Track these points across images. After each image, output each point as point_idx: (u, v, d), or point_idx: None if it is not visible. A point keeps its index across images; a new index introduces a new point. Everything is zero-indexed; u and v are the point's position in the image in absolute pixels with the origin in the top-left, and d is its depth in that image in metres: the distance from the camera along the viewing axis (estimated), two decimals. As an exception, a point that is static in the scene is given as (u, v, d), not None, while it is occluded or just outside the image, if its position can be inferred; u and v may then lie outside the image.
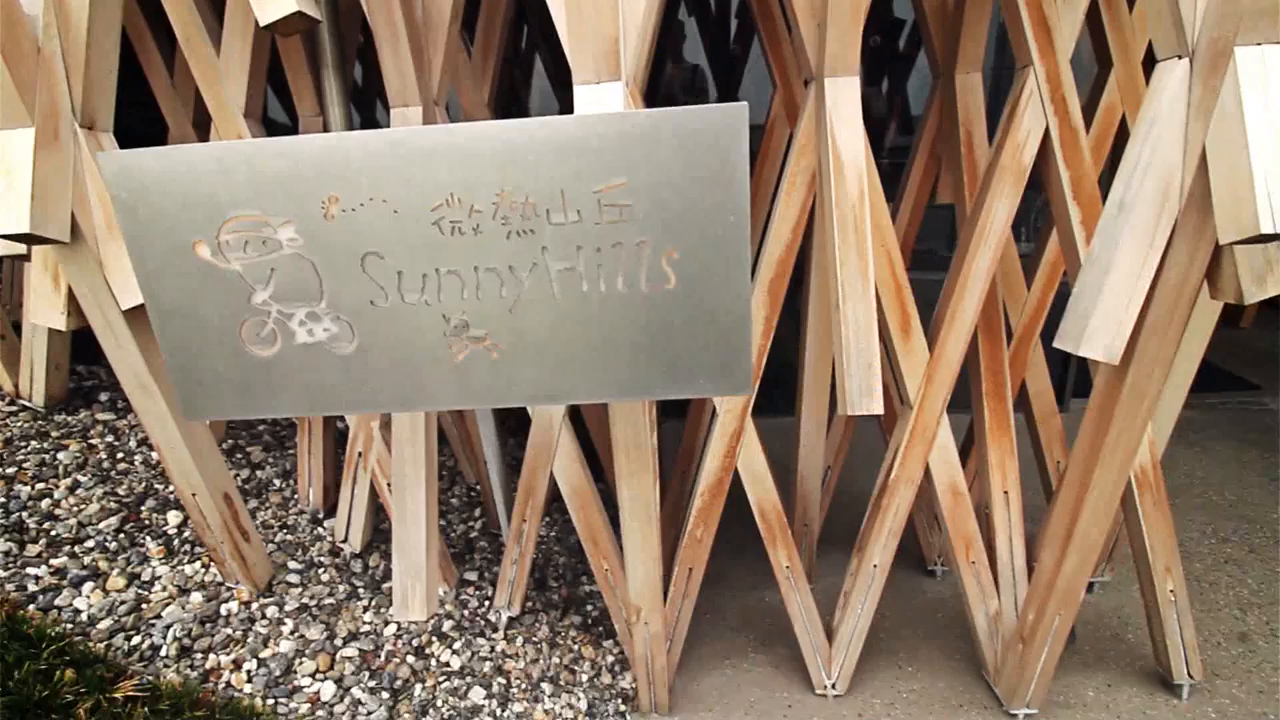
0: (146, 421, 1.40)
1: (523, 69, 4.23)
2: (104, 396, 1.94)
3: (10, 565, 1.45)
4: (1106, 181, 2.22)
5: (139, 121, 2.03)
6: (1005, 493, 1.80)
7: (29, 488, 1.62)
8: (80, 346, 1.91)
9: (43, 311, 1.28)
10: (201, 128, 2.02)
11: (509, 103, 4.16)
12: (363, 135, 0.92)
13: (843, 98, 1.41)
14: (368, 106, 3.94)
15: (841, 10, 1.37)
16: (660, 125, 0.89)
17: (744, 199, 0.92)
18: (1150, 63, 1.17)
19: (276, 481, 1.91)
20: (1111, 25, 1.84)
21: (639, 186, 0.92)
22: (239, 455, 1.98)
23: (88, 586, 1.47)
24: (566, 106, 1.12)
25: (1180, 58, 1.09)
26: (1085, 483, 1.43)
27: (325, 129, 1.84)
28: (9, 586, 1.41)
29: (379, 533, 1.90)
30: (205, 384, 1.05)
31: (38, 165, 1.11)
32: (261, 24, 1.12)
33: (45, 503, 1.60)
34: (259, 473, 1.92)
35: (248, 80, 1.61)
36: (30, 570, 1.46)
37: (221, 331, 1.02)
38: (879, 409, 1.38)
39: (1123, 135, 1.93)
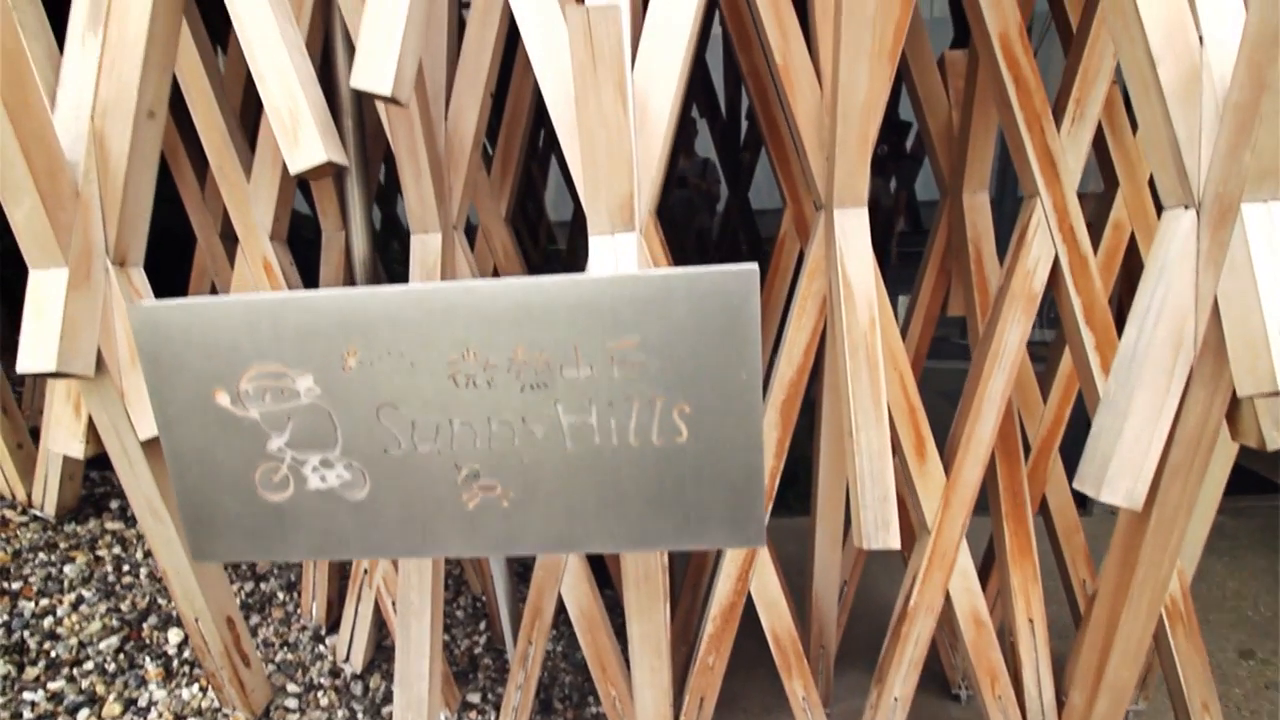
0: (155, 546, 1.39)
1: (540, 165, 4.39)
2: (114, 504, 1.93)
3: (8, 690, 1.41)
4: (1121, 297, 2.23)
5: (170, 215, 2.11)
6: (1030, 620, 1.73)
7: (33, 604, 1.60)
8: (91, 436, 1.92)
9: (62, 440, 1.30)
10: (229, 238, 2.09)
11: (524, 194, 4.29)
12: (384, 292, 0.95)
13: (851, 228, 1.44)
14: (389, 202, 4.09)
15: (848, 145, 1.42)
16: (673, 286, 0.91)
17: (756, 357, 0.93)
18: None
19: (280, 595, 1.88)
20: (1116, 147, 1.89)
21: (652, 343, 0.93)
22: (244, 567, 1.96)
23: (83, 714, 1.42)
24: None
25: (1187, 208, 1.11)
26: (1113, 623, 1.37)
27: (347, 242, 1.90)
28: (4, 715, 1.37)
29: (381, 650, 1.85)
30: (216, 527, 1.04)
31: (68, 305, 1.15)
32: (292, 172, 1.18)
33: (48, 620, 1.57)
34: (263, 585, 1.89)
35: (275, 205, 1.68)
36: (27, 695, 1.42)
37: (235, 477, 1.02)
38: (895, 544, 1.34)
39: (1132, 251, 1.95)
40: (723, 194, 5.06)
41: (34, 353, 1.13)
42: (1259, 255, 1.01)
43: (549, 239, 4.92)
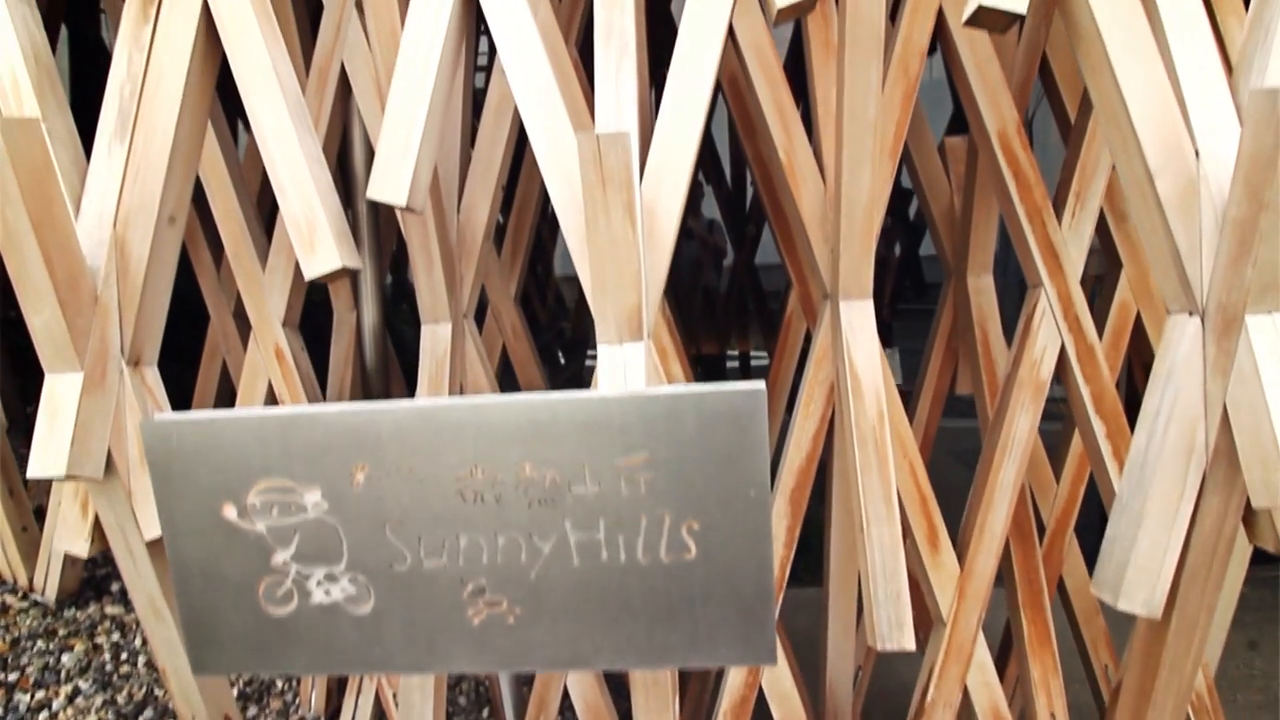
0: (155, 644, 1.37)
1: (550, 227, 4.46)
2: (115, 587, 1.91)
3: (-7, 795, 1.37)
4: (1128, 378, 2.23)
5: (183, 283, 2.14)
6: (1052, 715, 1.67)
7: (29, 696, 1.57)
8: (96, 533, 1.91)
9: (67, 538, 1.29)
10: (242, 318, 2.12)
11: (534, 256, 4.34)
12: (393, 409, 0.95)
13: (858, 321, 1.46)
14: (400, 266, 4.16)
15: (852, 242, 1.44)
16: (681, 404, 0.91)
17: (765, 475, 0.92)
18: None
19: (279, 684, 1.83)
20: (1118, 229, 1.91)
21: (660, 461, 0.92)
22: (244, 648, 1.92)
23: (70, 820, 1.38)
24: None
25: (1191, 314, 1.11)
26: (1141, 730, 1.32)
27: (358, 323, 1.93)
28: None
29: (381, 742, 1.79)
30: (218, 640, 1.03)
31: (81, 409, 1.16)
32: (306, 278, 1.20)
33: (43, 715, 1.54)
34: (261, 674, 1.85)
35: (289, 293, 1.71)
36: (14, 799, 1.38)
37: (239, 590, 1.01)
38: (910, 645, 1.31)
39: (1138, 330, 1.95)
40: (728, 252, 5.15)
41: (45, 458, 1.14)
42: (1266, 367, 1.01)
43: (557, 299, 4.98)
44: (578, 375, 4.68)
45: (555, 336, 4.93)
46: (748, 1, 1.58)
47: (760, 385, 0.90)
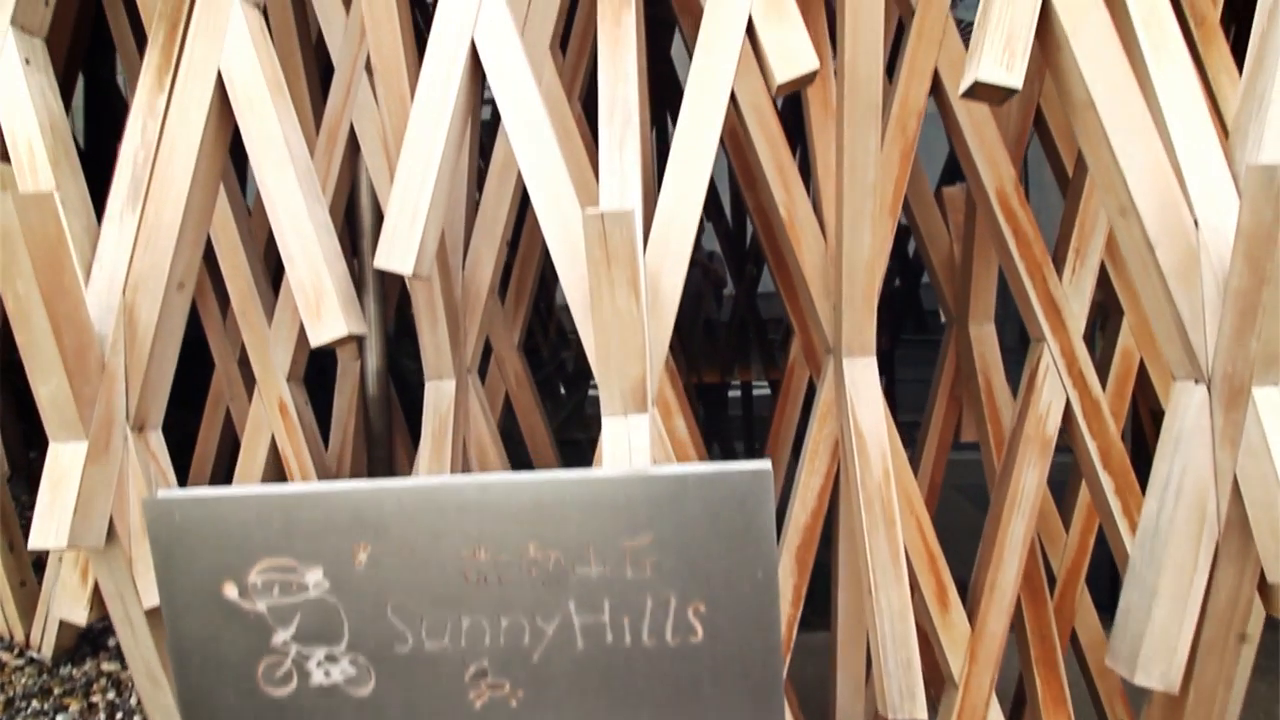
0: (150, 710, 1.35)
1: (552, 264, 4.48)
2: (111, 642, 1.89)
3: None
4: (1133, 423, 2.22)
5: (189, 328, 2.15)
6: (1068, 779, 1.63)
7: (21, 761, 1.54)
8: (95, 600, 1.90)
9: (67, 606, 1.28)
10: (246, 365, 2.12)
11: (538, 296, 4.37)
12: (397, 486, 0.95)
13: (861, 378, 1.46)
14: (405, 305, 4.18)
15: (854, 301, 1.45)
16: (687, 485, 0.91)
17: (772, 556, 0.92)
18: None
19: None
20: (1118, 277, 1.92)
21: (666, 542, 0.92)
22: None
23: None
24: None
25: (1197, 382, 1.11)
26: (1160, 803, 1.28)
27: (362, 371, 1.93)
28: None
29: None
30: (214, 721, 1.01)
31: (85, 479, 1.16)
32: (313, 345, 1.21)
33: (34, 782, 1.51)
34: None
35: (294, 347, 1.72)
36: None
37: (238, 670, 1.00)
38: (923, 714, 1.29)
39: (1143, 377, 1.95)
40: (728, 281, 5.17)
41: (47, 529, 1.14)
42: (1275, 440, 1.01)
43: (559, 331, 4.99)
44: (580, 407, 4.68)
45: (557, 369, 4.94)
46: (748, 62, 1.62)
47: (766, 465, 0.90)
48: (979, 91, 1.12)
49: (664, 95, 4.07)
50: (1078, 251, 1.61)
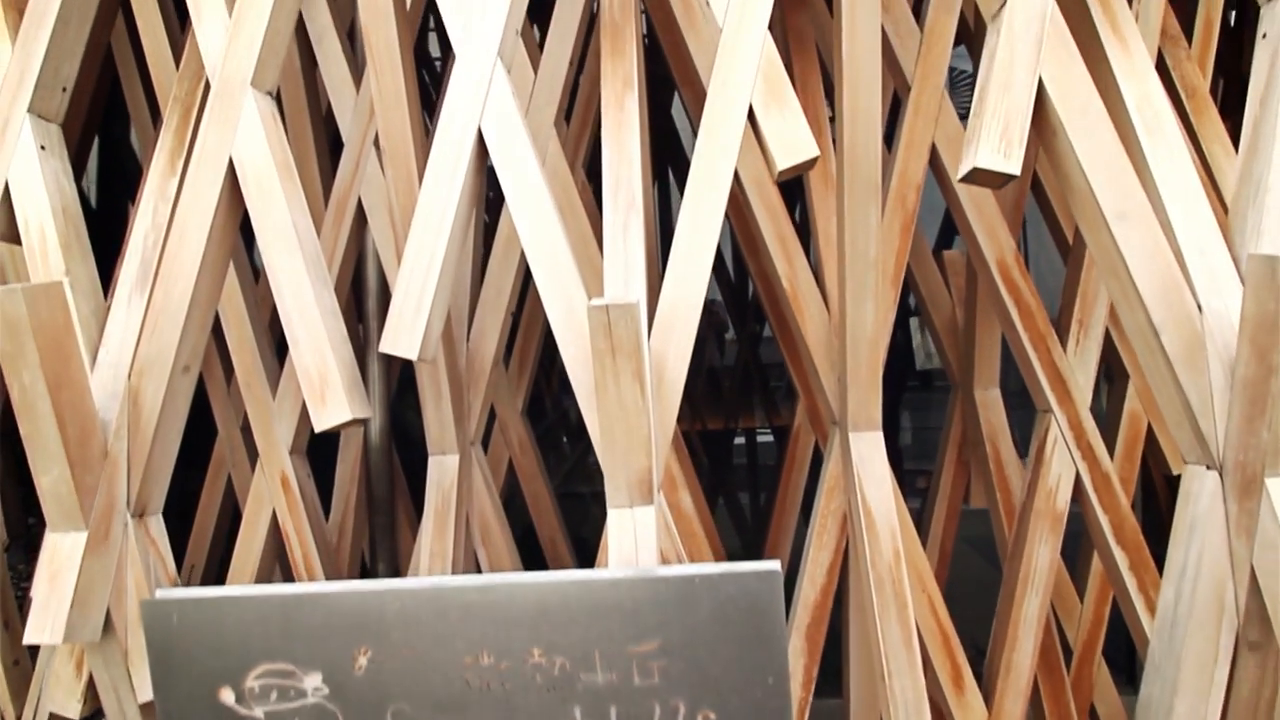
0: (141, 807, 1.30)
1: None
2: (105, 723, 1.84)
3: None
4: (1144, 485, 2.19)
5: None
6: None
7: None
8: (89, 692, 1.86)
9: (60, 699, 1.25)
10: (249, 428, 2.11)
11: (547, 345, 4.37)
12: (399, 588, 0.93)
13: (868, 453, 1.44)
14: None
15: (859, 377, 1.45)
16: (695, 588, 0.89)
17: (783, 660, 0.89)
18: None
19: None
20: (1122, 343, 1.92)
21: (674, 648, 0.90)
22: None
23: None
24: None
25: (1209, 467, 1.10)
26: None
27: (365, 435, 1.92)
28: None
29: None
30: (206, 831, 0.98)
31: (83, 571, 1.14)
32: (317, 430, 1.20)
33: None
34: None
35: (298, 420, 1.71)
36: None
37: (232, 778, 0.97)
38: (940, 809, 1.24)
39: (1151, 441, 1.93)
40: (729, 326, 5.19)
41: (43, 624, 1.12)
42: (1293, 533, 0.99)
43: (562, 383, 4.99)
44: (583, 458, 4.65)
45: (559, 419, 4.92)
46: (749, 139, 1.65)
47: (775, 566, 0.88)
48: (977, 176, 1.13)
49: (665, 151, 4.16)
50: (1081, 322, 1.62)
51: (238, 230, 1.37)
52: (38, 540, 1.18)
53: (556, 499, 2.21)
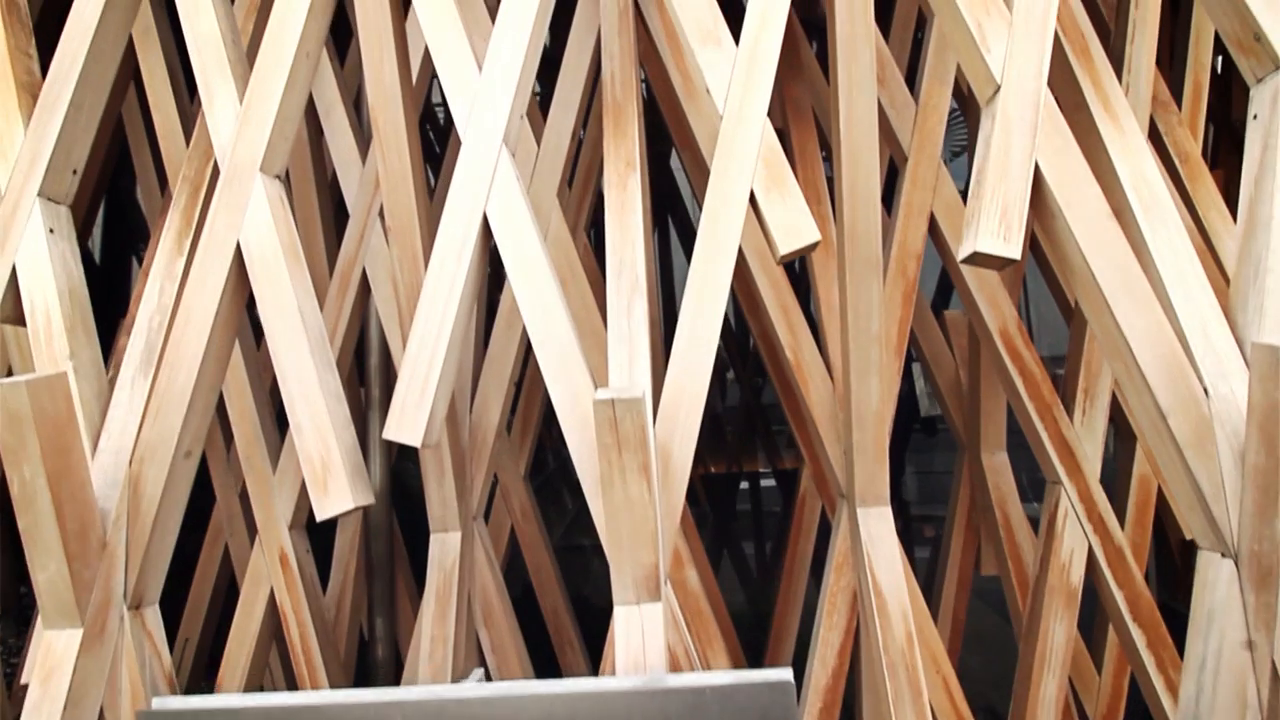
0: None
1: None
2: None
3: None
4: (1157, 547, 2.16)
5: None
6: None
7: None
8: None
9: (46, 800, 1.21)
10: (248, 496, 2.09)
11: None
12: (401, 699, 0.91)
13: (876, 530, 1.43)
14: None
15: (865, 451, 1.44)
16: (705, 699, 0.87)
17: (797, 773, 0.86)
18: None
19: None
20: (1130, 412, 1.91)
21: (684, 760, 0.87)
22: None
23: None
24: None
25: (1224, 555, 1.08)
26: None
27: (365, 511, 1.90)
28: None
29: None
30: None
31: (78, 669, 1.12)
32: (318, 518, 1.19)
33: None
34: None
35: (297, 495, 1.70)
36: None
37: None
38: None
39: (1162, 503, 1.91)
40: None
41: (34, 726, 1.09)
42: (1314, 627, 0.97)
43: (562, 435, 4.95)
44: (583, 513, 4.59)
45: (559, 469, 4.88)
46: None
47: (787, 676, 0.86)
48: (978, 259, 1.14)
49: (663, 202, 4.22)
50: (1086, 391, 1.61)
51: (243, 312, 1.38)
52: (30, 611, 1.15)
53: (557, 552, 2.18)
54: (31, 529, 1.12)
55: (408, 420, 1.17)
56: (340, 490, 1.18)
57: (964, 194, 2.23)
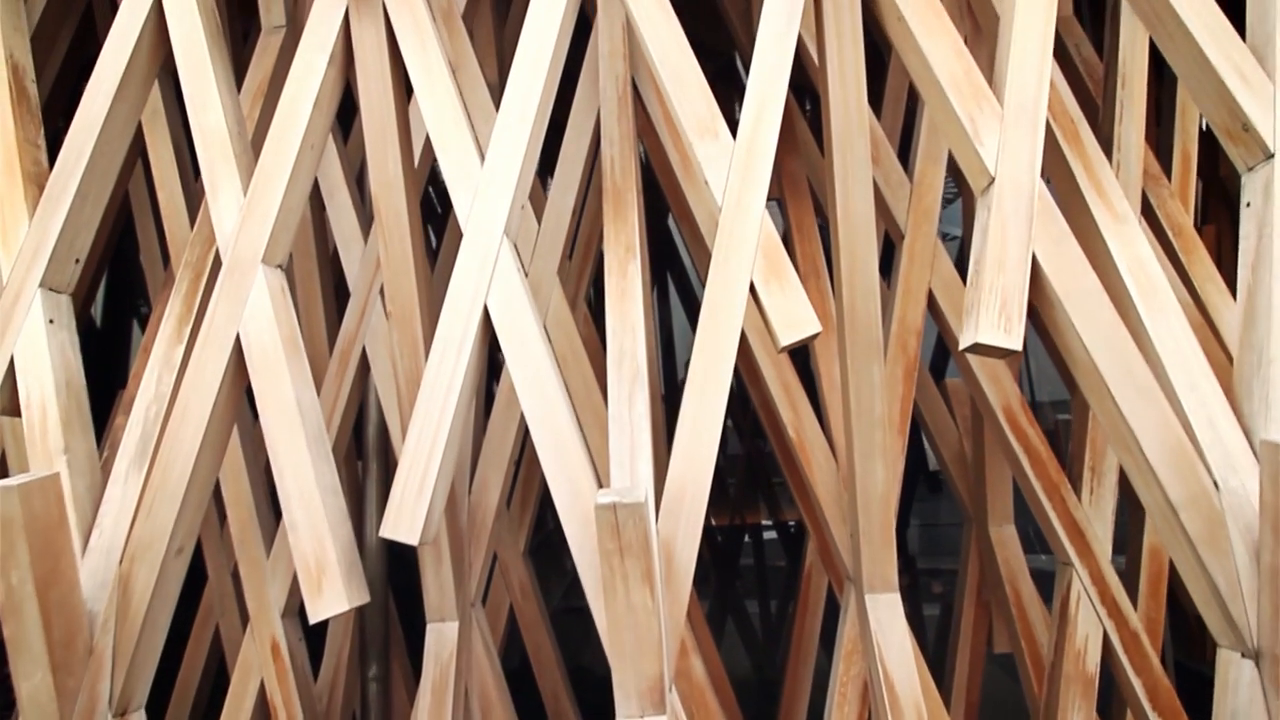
0: None
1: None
2: None
3: None
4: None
5: None
6: None
7: None
8: None
9: None
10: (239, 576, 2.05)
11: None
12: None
13: (886, 618, 1.39)
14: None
15: (872, 536, 1.41)
16: (714, 831, 0.82)
17: None
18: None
19: None
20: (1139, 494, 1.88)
21: None
22: None
23: None
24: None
25: (1244, 656, 1.05)
26: None
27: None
28: None
29: None
30: None
31: (57, 787, 1.07)
32: (311, 620, 1.15)
33: None
34: None
35: (291, 581, 1.66)
36: None
37: None
38: None
39: (1174, 578, 1.87)
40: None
41: None
42: (1347, 740, 0.93)
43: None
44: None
45: (558, 529, 4.81)
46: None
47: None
48: (979, 349, 1.14)
49: (662, 259, 4.26)
50: (1093, 469, 1.60)
51: (242, 400, 1.37)
52: (12, 696, 1.11)
53: (556, 616, 2.12)
54: (17, 637, 1.09)
55: (405, 518, 1.15)
56: (335, 592, 1.15)
57: (958, 264, 2.26)
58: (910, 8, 1.27)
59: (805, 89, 2.38)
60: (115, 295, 3.74)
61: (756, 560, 5.07)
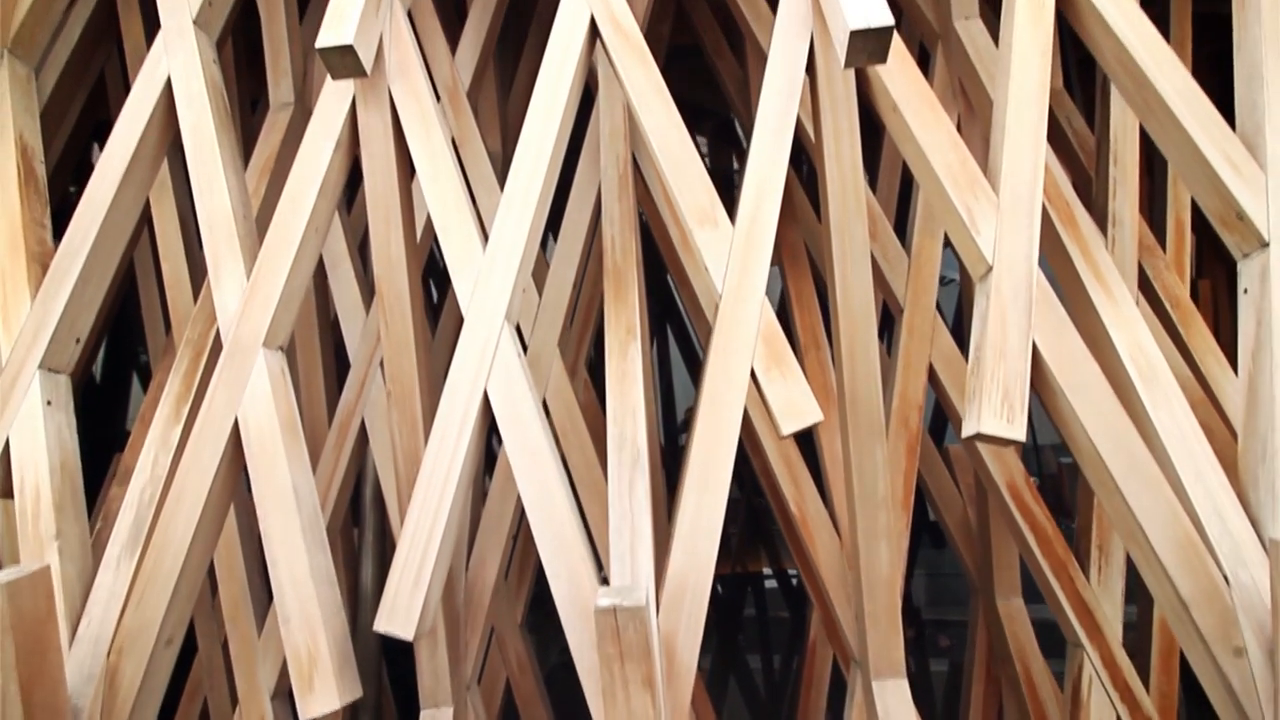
0: None
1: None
2: None
3: None
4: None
5: None
6: None
7: None
8: None
9: None
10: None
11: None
12: None
13: (894, 708, 1.35)
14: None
15: (878, 620, 1.38)
16: None
17: None
18: None
19: None
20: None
21: None
22: None
23: None
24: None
25: (1263, 755, 1.02)
26: None
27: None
28: None
29: None
30: None
31: None
32: (302, 719, 1.12)
33: None
34: None
35: (282, 661, 1.62)
36: None
37: None
38: None
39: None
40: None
41: None
42: None
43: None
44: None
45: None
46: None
47: None
48: (983, 438, 1.13)
49: (661, 312, 4.29)
50: (1101, 548, 1.58)
51: (237, 490, 1.35)
52: None
53: (554, 671, 2.07)
54: (-2, 742, 1.05)
55: (400, 611, 1.13)
56: (327, 689, 1.12)
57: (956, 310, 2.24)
58: (905, 99, 1.30)
59: (802, 155, 2.43)
60: (116, 338, 3.75)
61: (758, 611, 4.99)
